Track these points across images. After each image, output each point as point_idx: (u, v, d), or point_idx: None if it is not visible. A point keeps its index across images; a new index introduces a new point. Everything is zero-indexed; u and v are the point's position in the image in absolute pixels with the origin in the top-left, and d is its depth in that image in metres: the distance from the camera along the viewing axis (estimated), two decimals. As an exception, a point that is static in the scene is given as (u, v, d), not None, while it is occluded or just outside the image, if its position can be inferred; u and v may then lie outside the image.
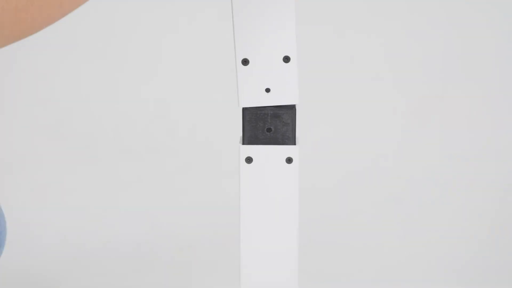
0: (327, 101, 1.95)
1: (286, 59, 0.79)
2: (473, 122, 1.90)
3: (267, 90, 0.80)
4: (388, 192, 1.75)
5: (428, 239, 1.57)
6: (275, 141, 0.81)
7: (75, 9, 0.63)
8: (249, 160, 0.81)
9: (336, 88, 1.95)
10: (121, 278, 1.41)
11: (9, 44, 0.60)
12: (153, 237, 1.58)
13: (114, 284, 1.39)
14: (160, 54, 1.96)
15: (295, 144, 0.81)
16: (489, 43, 1.94)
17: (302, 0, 1.90)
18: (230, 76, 0.79)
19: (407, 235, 1.59)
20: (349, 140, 1.89)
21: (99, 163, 1.80)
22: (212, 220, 1.64)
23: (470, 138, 1.88)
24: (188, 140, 1.86)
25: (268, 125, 0.81)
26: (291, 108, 0.81)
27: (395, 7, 1.95)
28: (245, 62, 0.79)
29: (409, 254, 1.50)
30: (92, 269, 1.44)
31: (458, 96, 1.92)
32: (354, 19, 1.96)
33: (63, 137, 1.84)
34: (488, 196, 1.73)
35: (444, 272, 1.44)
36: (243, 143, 0.81)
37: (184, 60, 1.96)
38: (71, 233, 1.58)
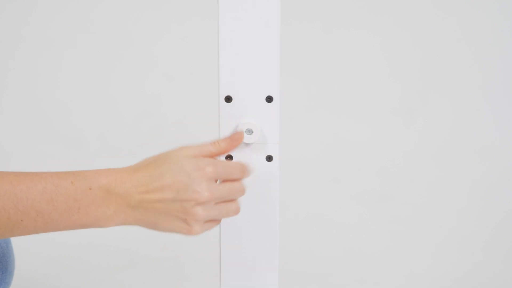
0: (324, 101, 1.95)
1: (269, 99, 0.79)
2: (471, 122, 1.90)
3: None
4: (387, 192, 1.75)
5: (423, 237, 1.57)
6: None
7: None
8: (229, 158, 0.80)
9: (331, 88, 1.95)
10: (109, 276, 1.41)
11: None
12: (143, 236, 1.58)
13: (106, 282, 1.39)
14: (151, 54, 1.97)
15: (275, 142, 0.80)
16: (490, 43, 1.94)
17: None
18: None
19: (401, 234, 1.59)
20: (343, 139, 1.89)
21: (87, 160, 1.80)
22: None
23: (471, 138, 1.87)
24: (179, 137, 1.86)
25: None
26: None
27: (391, 5, 1.95)
28: (228, 99, 0.79)
29: (400, 254, 1.51)
30: (80, 267, 1.44)
31: (456, 95, 1.92)
32: (344, 17, 1.96)
33: (51, 134, 1.84)
34: (489, 196, 1.73)
35: (450, 273, 1.44)
36: None
37: (174, 60, 1.96)
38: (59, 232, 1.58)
